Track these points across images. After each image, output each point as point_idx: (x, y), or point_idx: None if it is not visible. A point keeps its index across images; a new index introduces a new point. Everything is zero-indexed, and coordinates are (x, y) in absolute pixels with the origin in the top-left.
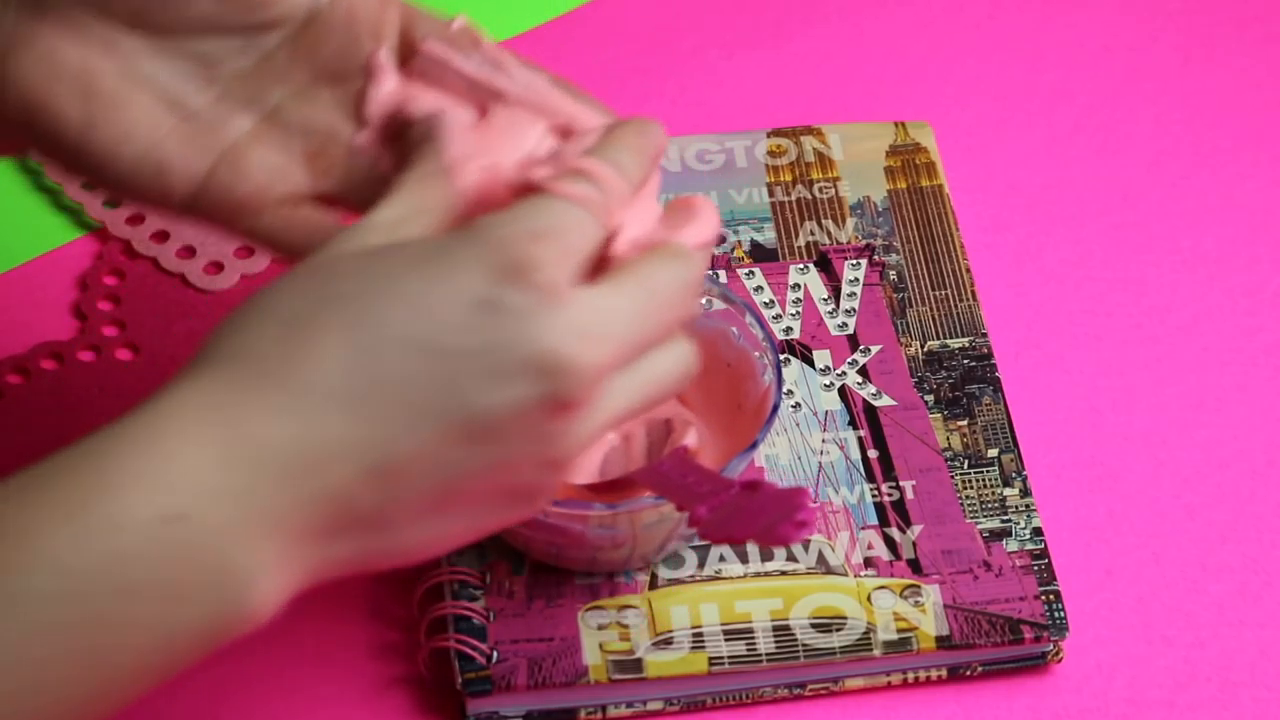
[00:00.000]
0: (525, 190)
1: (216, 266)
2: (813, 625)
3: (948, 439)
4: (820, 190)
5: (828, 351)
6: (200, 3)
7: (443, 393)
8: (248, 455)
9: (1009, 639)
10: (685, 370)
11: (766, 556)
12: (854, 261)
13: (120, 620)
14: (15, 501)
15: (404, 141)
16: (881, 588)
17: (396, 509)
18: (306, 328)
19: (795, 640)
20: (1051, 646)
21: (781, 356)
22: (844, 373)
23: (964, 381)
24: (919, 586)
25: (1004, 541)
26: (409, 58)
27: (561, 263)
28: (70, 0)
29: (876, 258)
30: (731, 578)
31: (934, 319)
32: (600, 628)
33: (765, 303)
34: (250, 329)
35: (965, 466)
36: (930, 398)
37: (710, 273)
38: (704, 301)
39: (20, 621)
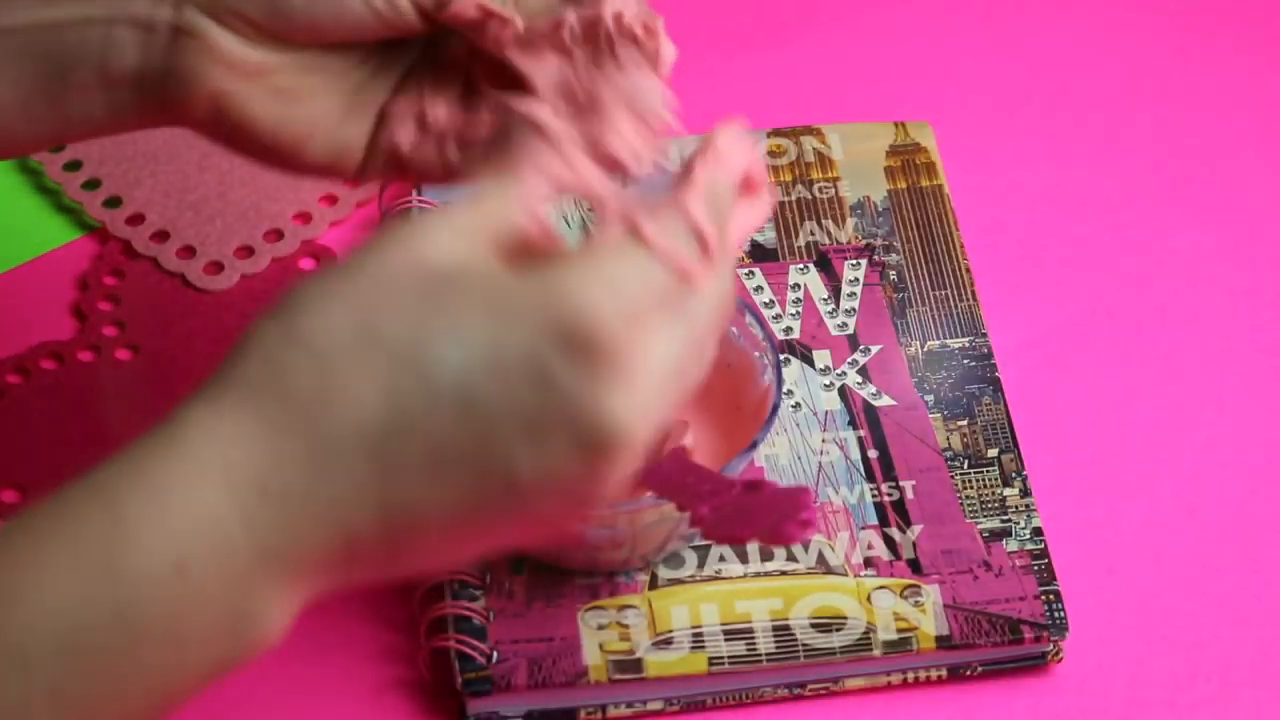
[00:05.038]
0: (607, 219)
1: (216, 266)
2: (813, 625)
3: (948, 439)
4: (820, 190)
5: (828, 351)
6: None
7: (476, 450)
8: (266, 503)
9: (1009, 639)
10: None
11: (766, 556)
12: (854, 261)
13: (127, 669)
14: (22, 546)
15: (498, 132)
16: (881, 588)
17: (411, 547)
18: (346, 369)
19: (795, 640)
20: (1051, 646)
21: (781, 356)
22: (844, 373)
23: (964, 381)
24: (919, 586)
25: (1004, 541)
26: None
27: (627, 331)
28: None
29: (876, 258)
30: (731, 578)
31: (934, 319)
32: (600, 628)
33: (765, 303)
34: (285, 355)
35: (965, 466)
36: (930, 398)
37: None
38: None
39: (19, 676)
